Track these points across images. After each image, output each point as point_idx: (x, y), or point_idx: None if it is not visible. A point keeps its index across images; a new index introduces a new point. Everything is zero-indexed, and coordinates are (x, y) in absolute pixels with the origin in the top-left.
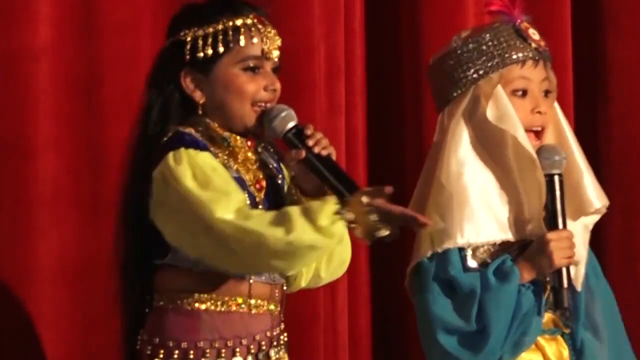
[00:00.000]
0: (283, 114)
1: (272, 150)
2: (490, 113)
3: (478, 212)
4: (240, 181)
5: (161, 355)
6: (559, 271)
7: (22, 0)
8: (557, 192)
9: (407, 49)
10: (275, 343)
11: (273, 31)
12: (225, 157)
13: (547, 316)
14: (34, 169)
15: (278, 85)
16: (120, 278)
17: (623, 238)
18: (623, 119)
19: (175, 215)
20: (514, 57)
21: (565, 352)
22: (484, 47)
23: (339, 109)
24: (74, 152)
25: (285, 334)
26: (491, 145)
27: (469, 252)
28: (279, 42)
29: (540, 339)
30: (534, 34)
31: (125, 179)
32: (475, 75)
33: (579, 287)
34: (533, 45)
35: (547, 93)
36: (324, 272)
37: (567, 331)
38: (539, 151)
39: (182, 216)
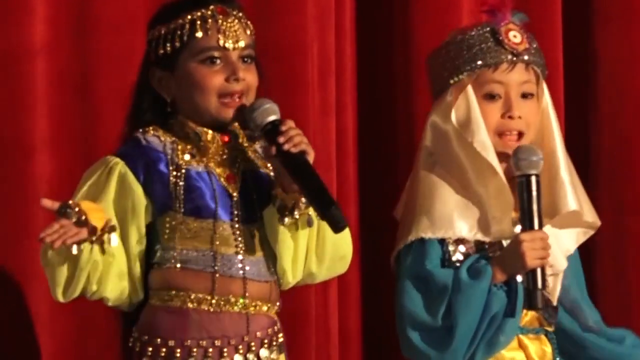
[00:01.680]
0: (264, 107)
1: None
2: (455, 116)
3: (448, 209)
4: (208, 175)
5: (149, 353)
6: (532, 272)
7: None
8: (534, 193)
9: (399, 47)
10: (267, 343)
11: (237, 21)
12: (194, 152)
13: (531, 315)
14: (29, 167)
15: (241, 75)
16: None
17: (613, 238)
18: (613, 119)
19: None
20: (485, 60)
21: (549, 350)
22: (459, 49)
23: (330, 108)
24: (69, 150)
25: (281, 335)
26: (454, 149)
27: (452, 247)
28: (246, 30)
29: (523, 338)
30: (514, 36)
31: None
32: (448, 78)
33: (554, 301)
34: (508, 48)
35: (526, 96)
36: (316, 268)
37: (551, 329)
38: (515, 151)
39: None
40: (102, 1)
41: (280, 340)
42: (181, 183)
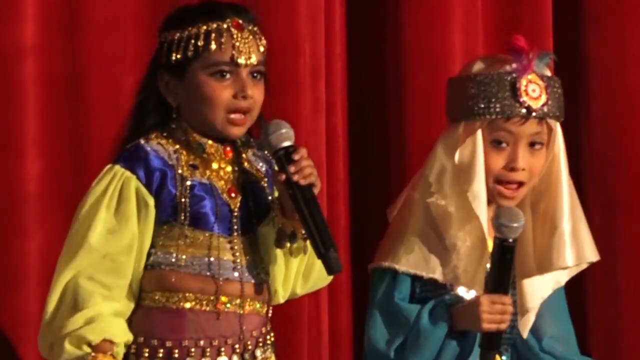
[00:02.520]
0: (280, 131)
1: (265, 155)
2: (459, 156)
3: (426, 249)
4: (210, 188)
5: (146, 354)
6: (488, 333)
7: None
8: (508, 259)
9: (389, 47)
10: (261, 342)
11: (251, 37)
12: (197, 164)
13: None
14: (18, 167)
15: (250, 92)
16: None
17: (604, 238)
18: (604, 119)
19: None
20: (499, 110)
21: None
22: (477, 92)
23: (321, 108)
24: (58, 150)
25: (272, 334)
26: (447, 189)
27: (420, 284)
28: (259, 47)
29: None
30: (533, 90)
31: None
32: (462, 115)
33: (525, 335)
34: (524, 104)
35: (533, 145)
36: (300, 289)
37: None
38: (498, 214)
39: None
40: (92, 1)
41: (272, 339)
42: (186, 198)
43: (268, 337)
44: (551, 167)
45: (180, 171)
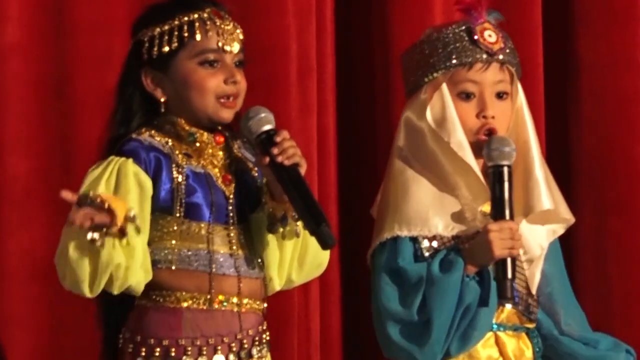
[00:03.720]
0: (260, 116)
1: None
2: (430, 114)
3: (423, 206)
4: (205, 176)
5: (143, 353)
6: (501, 262)
7: None
8: (506, 184)
9: (378, 47)
10: (257, 341)
11: (232, 24)
12: (190, 153)
13: (508, 311)
14: (4, 168)
15: (239, 78)
16: None
17: (594, 237)
18: (594, 120)
19: None
20: (460, 59)
21: (529, 352)
22: (434, 47)
23: (311, 108)
24: (44, 151)
25: (268, 332)
26: (429, 146)
27: (425, 243)
28: (239, 35)
29: (501, 335)
30: (489, 36)
31: None
32: (423, 75)
33: (533, 290)
34: (483, 47)
35: (501, 95)
36: (295, 276)
37: (532, 326)
38: (488, 142)
39: None
40: (80, 2)
41: (268, 337)
42: (182, 186)
43: (264, 335)
44: (517, 119)
45: (176, 159)
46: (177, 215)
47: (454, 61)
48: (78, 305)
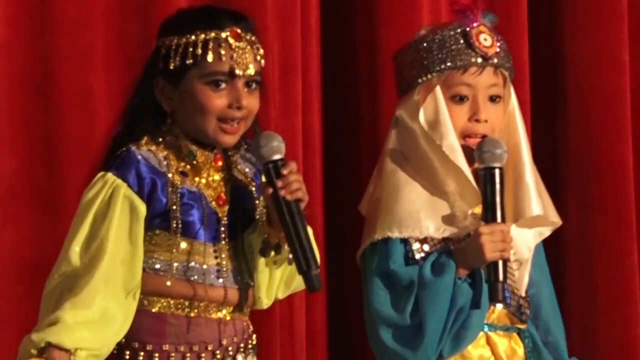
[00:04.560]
0: (272, 145)
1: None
2: (423, 116)
3: (414, 207)
4: (199, 196)
5: (127, 357)
6: (493, 264)
7: None
8: (497, 186)
9: (364, 47)
10: (242, 348)
11: (249, 47)
12: (187, 171)
13: (499, 312)
14: None
15: (245, 103)
16: None
17: (580, 236)
18: (580, 118)
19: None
20: (454, 62)
21: (520, 351)
22: (429, 49)
23: (296, 107)
24: (28, 149)
25: (254, 337)
26: (421, 148)
27: (416, 245)
28: (257, 56)
29: (492, 335)
30: (485, 39)
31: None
32: (417, 76)
33: (522, 292)
34: (479, 51)
35: (494, 99)
36: (281, 295)
37: (524, 327)
38: (480, 144)
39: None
40: (63, 1)
41: (254, 342)
42: (178, 206)
43: (250, 341)
44: (508, 123)
45: (171, 179)
46: (174, 233)
47: (449, 64)
48: None
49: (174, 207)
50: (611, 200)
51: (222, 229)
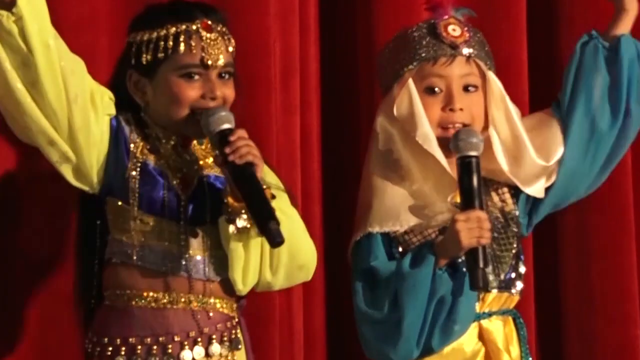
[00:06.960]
0: (218, 115)
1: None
2: (397, 110)
3: (394, 203)
4: (160, 173)
5: (97, 353)
6: (471, 251)
7: None
8: (474, 175)
9: (362, 47)
10: (217, 339)
11: (220, 38)
12: (154, 151)
13: (493, 296)
14: None
15: (219, 93)
16: (74, 274)
17: (578, 236)
18: None
19: None
20: (422, 54)
21: (515, 340)
22: (400, 46)
23: (294, 108)
24: (29, 150)
25: (237, 331)
26: (399, 147)
27: (399, 240)
28: (228, 47)
29: (486, 324)
30: (453, 30)
31: None
32: (392, 74)
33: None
34: (446, 41)
35: (468, 88)
36: (271, 277)
37: (516, 300)
38: (455, 134)
39: None
40: (64, 1)
41: (236, 336)
42: (137, 175)
43: (228, 334)
44: (494, 113)
45: (135, 152)
46: (132, 203)
47: (418, 57)
48: (64, 302)
49: (133, 174)
50: (609, 199)
51: (182, 208)
